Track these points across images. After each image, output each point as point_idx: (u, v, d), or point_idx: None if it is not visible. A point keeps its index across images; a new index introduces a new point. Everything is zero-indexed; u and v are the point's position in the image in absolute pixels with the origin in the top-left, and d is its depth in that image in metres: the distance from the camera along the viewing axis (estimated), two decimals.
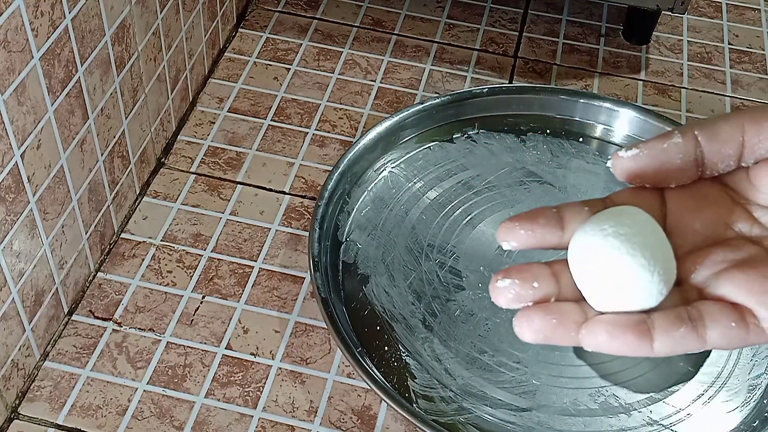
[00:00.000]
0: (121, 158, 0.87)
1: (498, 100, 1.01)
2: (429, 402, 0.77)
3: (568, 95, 1.02)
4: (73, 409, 0.76)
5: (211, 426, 0.76)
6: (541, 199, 0.94)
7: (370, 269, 0.86)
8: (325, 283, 0.81)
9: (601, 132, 1.01)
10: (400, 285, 0.85)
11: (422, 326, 0.82)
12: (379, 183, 0.94)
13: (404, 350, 0.80)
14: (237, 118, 1.03)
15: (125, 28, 0.81)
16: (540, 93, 1.03)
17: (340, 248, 0.87)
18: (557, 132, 1.01)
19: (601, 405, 0.77)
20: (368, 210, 0.91)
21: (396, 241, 0.89)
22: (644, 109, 1.01)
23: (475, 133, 1.00)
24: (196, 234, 0.91)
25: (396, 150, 0.97)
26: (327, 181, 0.89)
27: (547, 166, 0.97)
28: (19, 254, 0.71)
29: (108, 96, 0.81)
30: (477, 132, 1.00)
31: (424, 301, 0.84)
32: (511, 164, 0.97)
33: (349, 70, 1.11)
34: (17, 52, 0.64)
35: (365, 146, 0.94)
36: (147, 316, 0.83)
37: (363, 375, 0.74)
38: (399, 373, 0.78)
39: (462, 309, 0.83)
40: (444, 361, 0.79)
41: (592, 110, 1.01)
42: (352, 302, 0.83)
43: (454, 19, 1.21)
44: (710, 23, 1.25)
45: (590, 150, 0.99)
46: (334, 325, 0.77)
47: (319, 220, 0.86)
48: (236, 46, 1.13)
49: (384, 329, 0.81)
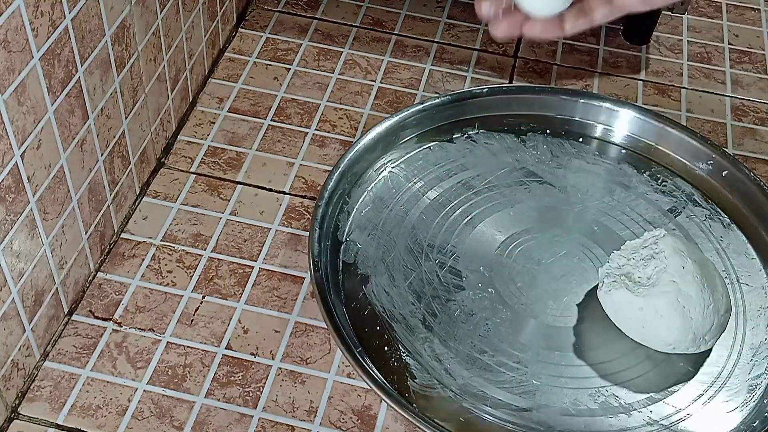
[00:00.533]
0: (121, 158, 0.87)
1: (498, 100, 1.01)
2: (429, 402, 0.76)
3: (568, 95, 1.02)
4: (73, 409, 0.76)
5: (211, 426, 0.76)
6: (541, 198, 0.94)
7: (370, 269, 0.86)
8: (325, 283, 0.81)
9: (601, 132, 1.01)
10: (400, 285, 0.85)
11: (422, 326, 0.82)
12: (379, 183, 0.94)
13: (404, 350, 0.80)
14: (237, 118, 1.03)
15: (125, 28, 0.81)
16: (540, 93, 1.03)
17: (340, 248, 0.87)
18: (557, 132, 1.01)
19: (601, 405, 0.77)
20: (368, 210, 0.91)
21: (396, 241, 0.89)
22: (644, 109, 1.01)
23: (475, 133, 1.00)
24: (196, 234, 0.91)
25: (396, 150, 0.97)
26: (327, 181, 0.89)
27: (547, 166, 0.97)
28: (19, 254, 0.71)
29: (108, 96, 0.81)
30: (477, 132, 1.00)
31: (424, 301, 0.84)
32: (511, 164, 0.97)
33: (349, 70, 1.11)
34: (17, 52, 0.64)
35: (365, 146, 0.94)
36: (147, 316, 0.83)
37: (363, 375, 0.74)
38: (399, 373, 0.78)
39: (462, 309, 0.83)
40: (444, 361, 0.79)
41: (593, 110, 1.01)
42: (352, 302, 0.83)
43: (454, 19, 1.21)
44: (710, 23, 1.25)
45: (590, 150, 0.99)
46: (334, 325, 0.77)
47: (319, 220, 0.86)
48: (236, 46, 1.13)
49: (384, 329, 0.81)
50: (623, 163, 0.98)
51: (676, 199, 0.95)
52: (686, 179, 0.97)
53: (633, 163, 0.98)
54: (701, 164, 0.97)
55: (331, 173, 0.90)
